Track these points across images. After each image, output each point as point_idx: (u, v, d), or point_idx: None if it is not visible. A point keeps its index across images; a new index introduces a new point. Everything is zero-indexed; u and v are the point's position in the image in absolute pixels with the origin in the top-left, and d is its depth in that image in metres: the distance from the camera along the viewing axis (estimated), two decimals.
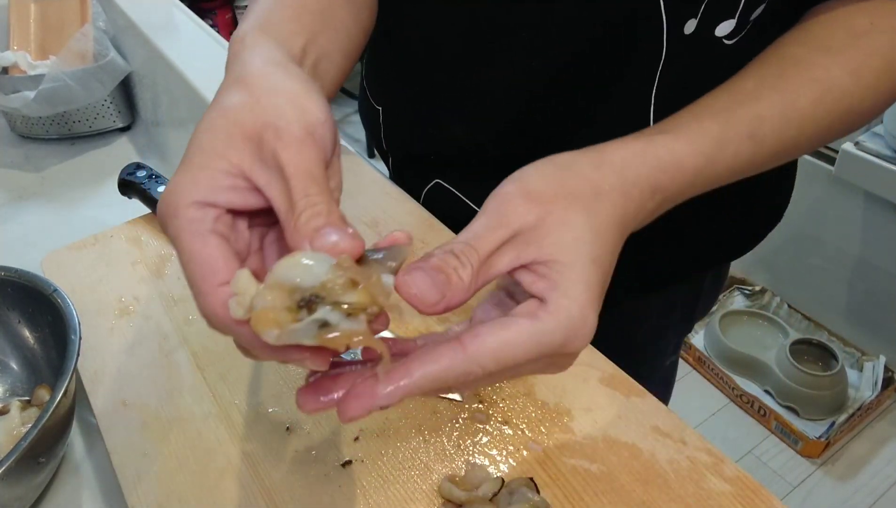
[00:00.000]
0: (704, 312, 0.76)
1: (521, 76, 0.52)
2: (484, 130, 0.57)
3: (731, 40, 0.49)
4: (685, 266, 0.64)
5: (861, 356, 1.66)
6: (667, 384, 0.78)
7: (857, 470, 1.51)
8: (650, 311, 0.68)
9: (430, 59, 0.58)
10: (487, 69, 0.54)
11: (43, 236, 0.81)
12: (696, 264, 0.65)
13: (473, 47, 0.53)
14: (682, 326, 0.73)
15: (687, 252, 0.63)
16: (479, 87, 0.55)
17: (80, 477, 0.47)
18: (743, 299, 1.86)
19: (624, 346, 0.47)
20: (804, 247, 1.71)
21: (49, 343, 0.50)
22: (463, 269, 0.32)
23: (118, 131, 1.01)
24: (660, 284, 0.65)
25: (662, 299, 0.68)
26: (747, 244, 0.66)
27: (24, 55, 0.95)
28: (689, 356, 1.77)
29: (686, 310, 0.71)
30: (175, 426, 0.44)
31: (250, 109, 0.32)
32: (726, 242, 0.64)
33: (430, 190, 0.64)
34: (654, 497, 0.38)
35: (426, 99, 0.60)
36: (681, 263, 0.64)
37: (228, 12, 2.63)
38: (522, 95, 0.53)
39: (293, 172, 0.31)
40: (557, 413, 0.43)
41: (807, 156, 1.59)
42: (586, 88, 0.52)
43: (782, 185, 0.65)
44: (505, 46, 0.52)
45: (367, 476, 0.40)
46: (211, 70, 0.85)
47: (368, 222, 0.60)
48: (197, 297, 0.31)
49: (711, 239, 0.63)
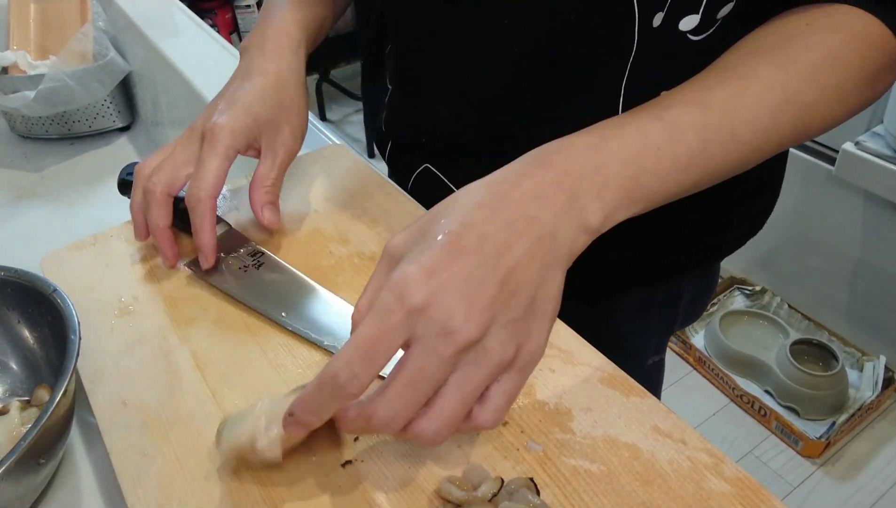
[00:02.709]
0: (693, 314, 0.76)
1: (501, 60, 0.54)
2: (466, 111, 0.59)
3: (697, 36, 0.49)
4: (660, 267, 0.65)
5: (861, 356, 1.66)
6: (651, 384, 0.77)
7: (857, 471, 1.51)
8: (627, 310, 0.69)
9: (420, 41, 0.60)
10: (469, 52, 0.56)
11: (43, 236, 0.81)
12: (671, 266, 0.65)
13: (457, 30, 0.56)
14: (662, 327, 0.73)
15: (661, 253, 0.63)
16: (462, 68, 0.57)
17: (80, 477, 0.47)
18: (743, 299, 1.86)
19: (601, 343, 0.47)
20: (804, 247, 1.71)
21: (49, 343, 0.50)
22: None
23: (118, 131, 1.01)
24: (636, 284, 0.65)
25: (640, 298, 0.68)
26: (724, 250, 0.66)
27: (24, 55, 0.94)
28: (689, 356, 1.77)
29: (667, 310, 0.71)
30: (175, 427, 0.44)
31: (284, 113, 0.56)
32: (701, 245, 0.65)
33: (420, 174, 0.66)
34: (654, 497, 0.38)
35: (416, 79, 0.63)
36: (655, 263, 0.64)
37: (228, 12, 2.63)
38: (502, 78, 0.55)
39: (279, 165, 0.56)
40: (557, 413, 0.43)
41: (807, 156, 1.60)
42: (560, 76, 0.53)
43: (761, 193, 0.65)
44: (487, 30, 0.53)
45: (367, 476, 0.40)
46: (211, 70, 0.85)
47: (368, 222, 0.60)
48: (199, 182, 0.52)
49: (685, 242, 0.63)
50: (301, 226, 0.60)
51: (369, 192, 0.63)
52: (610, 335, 0.52)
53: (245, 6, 2.60)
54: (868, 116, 1.45)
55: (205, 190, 0.51)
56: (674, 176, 0.40)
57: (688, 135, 0.40)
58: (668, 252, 0.63)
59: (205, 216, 0.52)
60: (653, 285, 0.67)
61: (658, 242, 0.62)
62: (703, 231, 0.63)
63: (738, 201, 0.63)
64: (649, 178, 0.39)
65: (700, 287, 0.73)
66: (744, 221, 0.66)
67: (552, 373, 0.45)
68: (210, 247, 0.53)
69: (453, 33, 0.56)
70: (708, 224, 0.63)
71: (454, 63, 0.58)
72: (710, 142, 0.41)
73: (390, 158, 0.71)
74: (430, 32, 0.59)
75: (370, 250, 0.57)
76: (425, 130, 0.65)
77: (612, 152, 0.39)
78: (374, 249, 0.57)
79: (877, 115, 1.44)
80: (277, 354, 0.48)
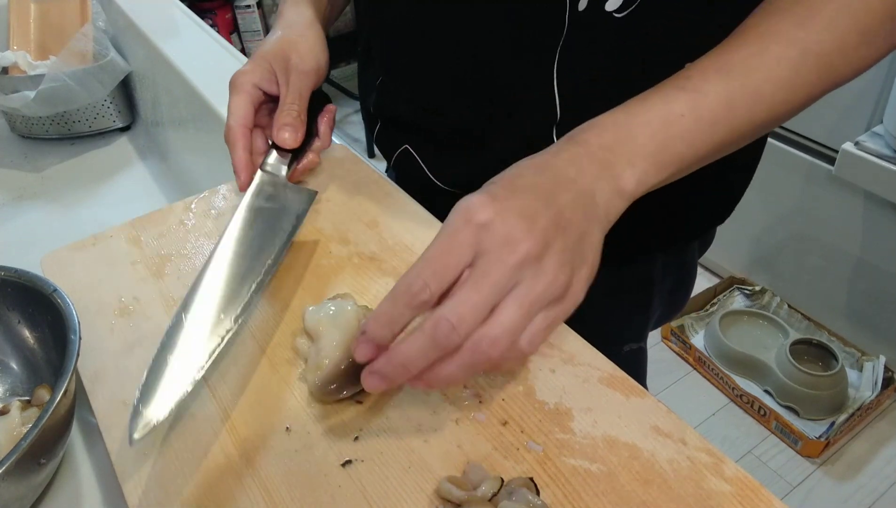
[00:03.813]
0: (676, 305, 0.76)
1: (454, 48, 0.60)
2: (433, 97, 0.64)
3: (621, 14, 0.52)
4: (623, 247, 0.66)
5: (861, 356, 1.66)
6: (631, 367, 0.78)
7: (857, 470, 1.51)
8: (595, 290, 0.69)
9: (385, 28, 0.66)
10: (432, 39, 0.61)
11: (43, 236, 0.81)
12: (635, 247, 0.66)
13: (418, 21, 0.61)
14: (637, 312, 0.74)
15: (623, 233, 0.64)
16: (425, 56, 0.63)
17: (80, 477, 0.47)
18: (743, 299, 1.86)
19: (573, 324, 0.48)
20: (804, 247, 1.71)
21: (49, 343, 0.50)
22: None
23: (118, 131, 1.01)
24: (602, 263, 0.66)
25: (609, 279, 0.69)
26: (692, 231, 0.68)
27: (24, 55, 0.95)
28: (689, 356, 1.77)
29: (640, 295, 0.72)
30: (175, 427, 0.44)
31: (291, 45, 0.61)
32: (665, 225, 0.66)
33: (399, 155, 0.70)
34: (654, 497, 0.38)
35: (386, 66, 0.68)
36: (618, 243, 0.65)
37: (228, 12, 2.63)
38: (457, 66, 0.60)
39: (292, 88, 0.60)
40: (557, 413, 0.43)
41: (807, 156, 1.60)
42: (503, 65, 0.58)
43: (730, 173, 0.66)
44: (440, 21, 0.59)
45: (367, 476, 0.40)
46: (211, 70, 0.85)
47: (368, 222, 0.60)
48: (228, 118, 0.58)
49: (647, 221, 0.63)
50: (301, 226, 0.60)
51: (369, 192, 0.63)
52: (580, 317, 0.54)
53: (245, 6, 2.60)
54: (868, 115, 1.45)
55: (233, 120, 0.58)
56: (700, 137, 0.43)
57: (709, 98, 0.43)
58: (630, 232, 0.64)
59: (237, 140, 0.58)
60: (618, 266, 0.67)
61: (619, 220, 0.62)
62: (667, 212, 0.63)
63: (705, 181, 0.63)
64: (676, 143, 0.42)
65: (679, 276, 0.73)
66: (713, 202, 0.67)
67: (552, 373, 0.45)
68: (241, 166, 0.57)
69: (415, 23, 0.61)
70: (672, 204, 0.63)
71: (419, 51, 0.63)
72: (734, 102, 0.43)
73: (376, 138, 0.75)
74: (392, 19, 0.64)
75: (370, 250, 0.57)
76: (405, 111, 0.69)
77: (639, 125, 0.42)
78: (374, 249, 0.57)
79: (877, 115, 1.44)
80: (277, 353, 0.48)
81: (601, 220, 0.41)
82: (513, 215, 0.37)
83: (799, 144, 1.61)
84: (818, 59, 0.44)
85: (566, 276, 0.38)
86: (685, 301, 0.79)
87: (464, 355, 0.36)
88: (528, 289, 0.36)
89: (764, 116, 0.44)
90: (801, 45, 0.43)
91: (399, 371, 0.37)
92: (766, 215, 1.74)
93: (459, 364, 0.36)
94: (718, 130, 0.43)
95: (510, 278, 0.36)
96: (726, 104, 0.43)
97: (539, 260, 0.37)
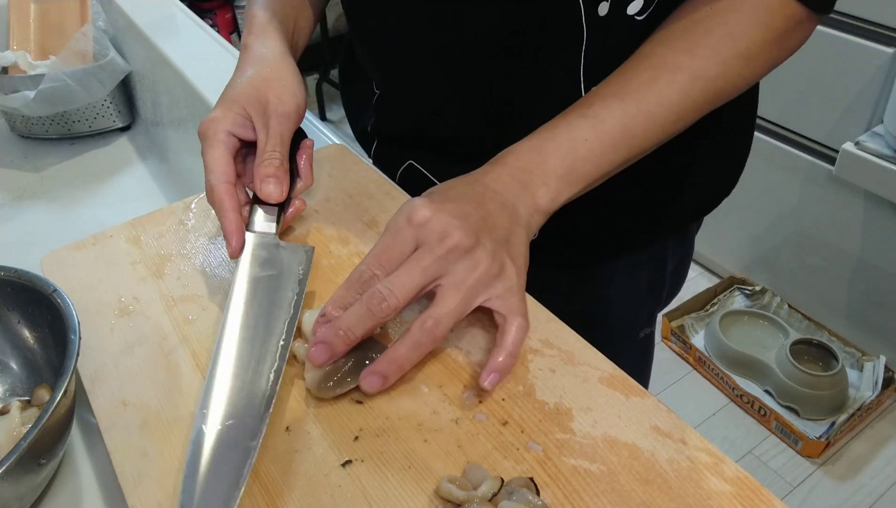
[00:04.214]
0: (676, 284, 0.79)
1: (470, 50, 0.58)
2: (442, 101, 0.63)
3: (641, 16, 0.54)
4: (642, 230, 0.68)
5: (861, 356, 1.66)
6: (644, 354, 0.82)
7: (857, 470, 1.51)
8: (614, 274, 0.72)
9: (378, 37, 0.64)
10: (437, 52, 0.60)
11: (43, 236, 0.81)
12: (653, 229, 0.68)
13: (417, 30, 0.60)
14: (651, 295, 0.75)
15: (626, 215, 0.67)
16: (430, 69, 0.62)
17: (80, 477, 0.47)
18: (743, 299, 1.86)
19: (593, 310, 0.54)
20: (804, 247, 1.71)
21: (49, 343, 0.50)
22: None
23: (118, 131, 1.01)
24: (620, 247, 0.69)
25: (626, 263, 0.71)
26: (699, 208, 0.70)
27: (24, 55, 0.94)
28: (689, 356, 1.77)
29: (656, 275, 0.73)
30: (175, 427, 0.44)
31: (266, 84, 0.56)
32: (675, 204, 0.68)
33: (405, 171, 0.70)
34: (654, 497, 0.38)
35: (396, 73, 0.66)
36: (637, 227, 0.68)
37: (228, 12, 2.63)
38: (467, 78, 0.60)
39: (272, 134, 0.54)
40: (557, 413, 0.43)
41: (807, 156, 1.60)
42: (518, 69, 0.58)
43: (727, 158, 0.69)
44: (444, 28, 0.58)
45: (367, 476, 0.40)
46: (211, 70, 0.85)
47: (368, 222, 0.60)
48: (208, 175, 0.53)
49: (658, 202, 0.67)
50: (301, 226, 0.60)
51: (369, 192, 0.63)
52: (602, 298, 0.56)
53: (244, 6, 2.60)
54: (868, 115, 1.45)
55: (214, 178, 0.52)
56: (604, 158, 0.49)
57: (608, 124, 0.49)
58: (648, 215, 0.66)
59: (223, 201, 0.52)
60: (641, 248, 0.70)
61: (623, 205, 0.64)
62: (675, 190, 0.66)
63: (703, 168, 0.66)
64: (583, 164, 0.49)
65: (681, 254, 0.76)
66: (720, 170, 0.69)
67: (552, 373, 0.45)
68: (231, 231, 0.51)
69: (415, 34, 0.60)
70: (682, 181, 0.66)
71: (428, 59, 0.61)
72: (630, 126, 0.49)
73: (374, 156, 0.75)
74: (389, 31, 0.62)
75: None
76: (408, 127, 0.68)
77: (549, 151, 0.49)
78: None
79: (877, 115, 1.44)
80: None
81: (525, 227, 0.47)
82: (447, 215, 0.44)
83: (799, 144, 1.61)
84: (705, 84, 0.49)
85: (498, 267, 0.44)
86: (684, 280, 0.81)
87: (413, 334, 0.43)
88: (465, 276, 0.43)
89: (658, 136, 0.51)
90: (690, 72, 0.49)
91: (341, 337, 0.43)
92: (767, 215, 1.74)
93: (409, 344, 0.43)
94: (619, 151, 0.49)
95: (440, 265, 0.43)
96: (623, 129, 0.49)
97: (471, 252, 0.44)
